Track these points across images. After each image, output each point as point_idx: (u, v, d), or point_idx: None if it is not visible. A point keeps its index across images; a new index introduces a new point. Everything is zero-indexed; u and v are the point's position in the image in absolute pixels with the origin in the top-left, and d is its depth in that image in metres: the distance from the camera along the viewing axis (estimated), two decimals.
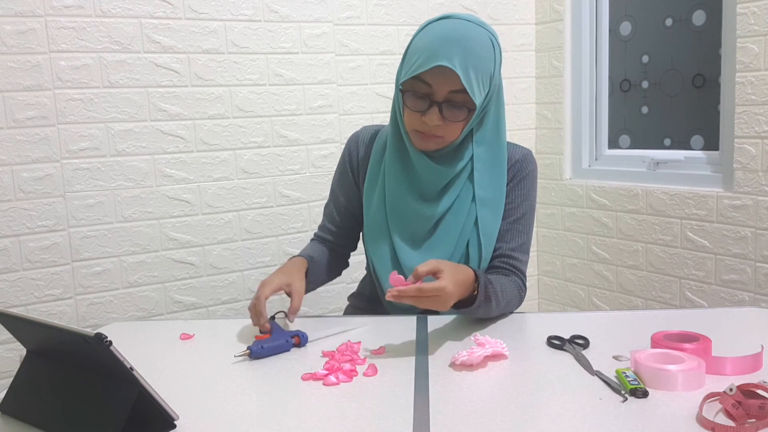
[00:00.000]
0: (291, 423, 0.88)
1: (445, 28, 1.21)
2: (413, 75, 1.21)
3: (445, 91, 1.21)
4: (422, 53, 1.20)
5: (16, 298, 1.82)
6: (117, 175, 1.91)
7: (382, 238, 1.36)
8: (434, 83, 1.20)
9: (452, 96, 1.21)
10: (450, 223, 1.32)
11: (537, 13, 2.52)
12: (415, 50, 1.23)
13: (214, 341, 1.23)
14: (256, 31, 2.05)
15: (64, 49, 1.81)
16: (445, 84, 1.20)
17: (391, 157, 1.34)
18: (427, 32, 1.23)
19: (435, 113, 1.22)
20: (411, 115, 1.25)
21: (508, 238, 1.36)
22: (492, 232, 1.33)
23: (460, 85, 1.19)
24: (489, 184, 1.33)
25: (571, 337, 1.14)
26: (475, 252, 1.32)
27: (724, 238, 2.03)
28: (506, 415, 0.88)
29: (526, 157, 1.39)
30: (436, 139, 1.26)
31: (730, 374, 0.97)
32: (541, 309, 2.66)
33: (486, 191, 1.33)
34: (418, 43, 1.23)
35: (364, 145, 1.43)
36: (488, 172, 1.33)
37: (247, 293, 2.12)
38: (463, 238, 1.32)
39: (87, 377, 0.87)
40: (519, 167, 1.37)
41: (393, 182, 1.34)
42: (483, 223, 1.32)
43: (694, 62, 2.32)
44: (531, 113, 2.57)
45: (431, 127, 1.23)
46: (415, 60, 1.21)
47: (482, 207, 1.32)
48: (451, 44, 1.18)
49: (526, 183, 1.37)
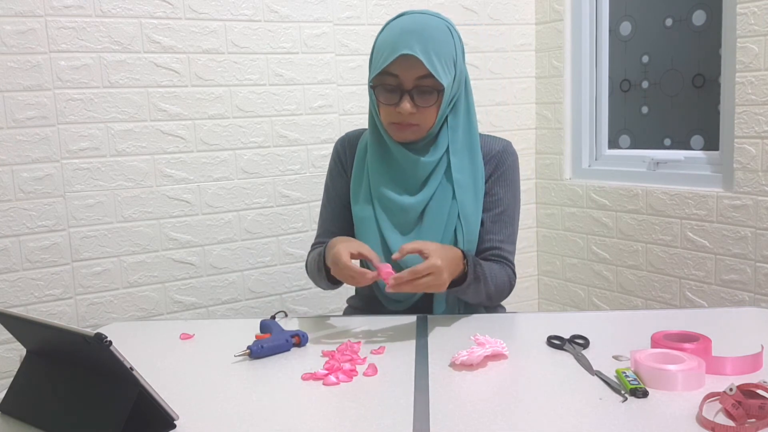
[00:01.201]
0: (291, 423, 0.88)
1: (403, 22, 1.28)
2: (380, 70, 1.27)
3: (412, 78, 1.26)
4: (384, 48, 1.27)
5: (16, 298, 1.82)
6: (117, 175, 1.91)
7: (371, 232, 1.38)
8: (401, 73, 1.26)
9: (420, 82, 1.26)
10: (435, 211, 1.35)
11: (537, 13, 2.52)
12: (378, 48, 1.30)
13: (214, 341, 1.23)
14: (256, 31, 2.05)
15: (64, 49, 1.81)
16: (411, 71, 1.25)
17: (373, 153, 1.38)
18: (387, 30, 1.30)
19: (407, 102, 1.27)
20: (385, 108, 1.30)
21: (495, 230, 1.39)
22: (471, 215, 1.36)
23: (425, 70, 1.24)
24: (466, 167, 1.37)
25: (571, 337, 1.14)
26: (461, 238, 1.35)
27: (724, 238, 2.03)
28: (506, 415, 0.88)
29: (505, 148, 1.42)
30: (413, 128, 1.31)
31: (730, 374, 0.97)
32: (541, 309, 2.66)
33: (463, 175, 1.36)
34: (379, 42, 1.31)
35: (350, 147, 1.47)
36: (464, 157, 1.37)
37: (247, 293, 2.12)
38: (450, 224, 1.35)
39: (87, 377, 0.87)
40: (500, 159, 1.40)
41: (377, 177, 1.37)
42: (462, 206, 1.35)
43: (694, 62, 2.32)
44: (531, 113, 2.57)
45: (406, 116, 1.28)
46: (378, 56, 1.28)
47: (460, 189, 1.35)
48: (410, 34, 1.25)
49: (507, 175, 1.41)
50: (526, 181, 2.58)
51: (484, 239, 1.38)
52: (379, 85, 1.29)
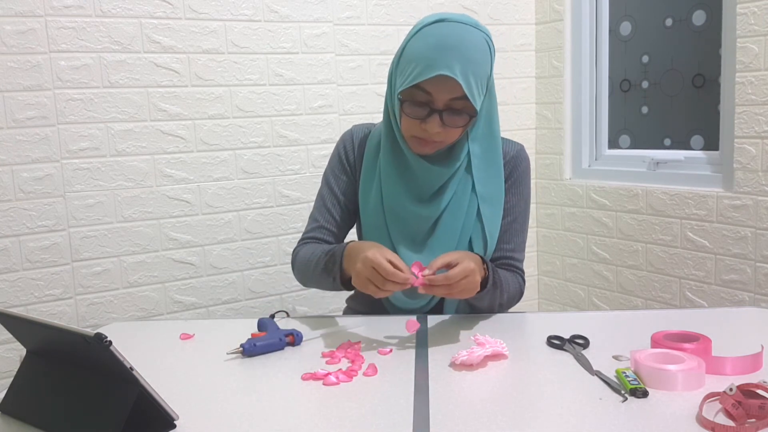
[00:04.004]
0: (291, 423, 0.88)
1: (441, 32, 1.18)
2: (413, 83, 1.18)
3: (446, 98, 1.19)
4: (420, 61, 1.17)
5: (16, 298, 1.82)
6: (117, 175, 1.91)
7: (382, 241, 1.34)
8: (434, 91, 1.18)
9: (452, 103, 1.19)
10: (449, 223, 1.32)
11: (537, 13, 2.52)
12: (411, 57, 1.20)
13: (214, 341, 1.23)
14: (256, 31, 2.05)
15: (64, 49, 1.81)
16: (446, 92, 1.18)
17: (386, 158, 1.33)
18: (423, 37, 1.19)
19: (436, 121, 1.20)
20: (409, 122, 1.23)
21: (506, 238, 1.37)
22: (495, 228, 1.34)
23: (461, 93, 1.17)
24: (488, 180, 1.33)
25: (571, 337, 1.14)
26: (480, 248, 1.33)
27: (724, 238, 2.03)
28: (506, 415, 0.88)
29: (519, 153, 1.39)
30: (435, 144, 1.26)
31: (730, 374, 0.97)
32: (541, 309, 2.66)
33: (486, 187, 1.33)
34: (413, 49, 1.20)
35: (358, 144, 1.41)
36: (485, 169, 1.33)
37: (247, 293, 2.12)
38: (465, 235, 1.32)
39: (87, 377, 0.87)
40: (514, 164, 1.37)
41: (389, 184, 1.33)
42: (486, 220, 1.32)
43: (694, 62, 2.32)
44: (531, 113, 2.57)
45: (432, 134, 1.21)
46: (412, 68, 1.19)
47: (484, 204, 1.32)
48: (449, 51, 1.15)
49: (520, 182, 1.38)
50: None
51: (495, 248, 1.36)
52: (408, 99, 1.21)
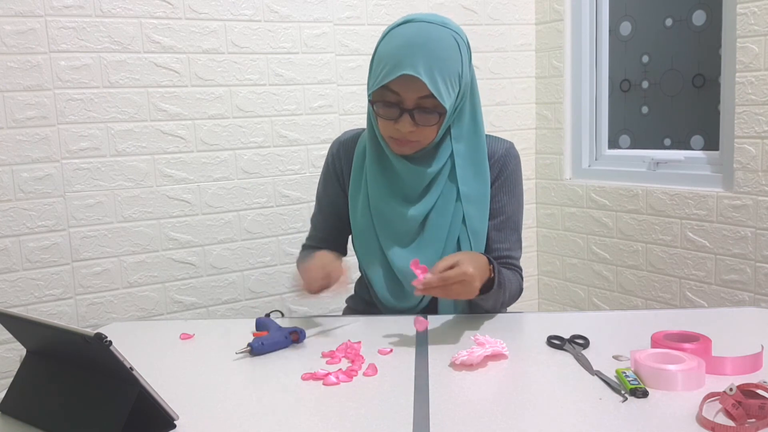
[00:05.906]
0: (291, 423, 0.88)
1: (407, 33, 1.19)
2: (380, 85, 1.20)
3: (414, 98, 1.20)
4: (387, 62, 1.19)
5: (16, 298, 1.82)
6: (117, 175, 1.91)
7: (371, 243, 1.36)
8: (402, 91, 1.19)
9: (422, 102, 1.20)
10: (436, 222, 1.32)
11: (537, 13, 2.52)
12: (380, 59, 1.22)
13: (214, 341, 1.23)
14: (256, 31, 2.05)
15: (64, 49, 1.81)
16: (413, 91, 1.19)
17: (371, 161, 1.34)
18: (390, 39, 1.22)
19: (407, 120, 1.21)
20: (384, 122, 1.25)
21: (502, 238, 1.37)
22: (479, 228, 1.33)
23: (427, 91, 1.18)
24: (472, 179, 1.33)
25: (571, 337, 1.14)
26: (467, 248, 1.33)
27: (724, 238, 2.03)
28: (506, 415, 0.88)
29: (508, 151, 1.37)
30: (412, 144, 1.26)
31: (730, 374, 0.97)
32: (541, 309, 2.66)
33: (470, 187, 1.33)
34: (382, 51, 1.22)
35: (346, 150, 1.42)
36: (470, 168, 1.33)
37: (247, 293, 2.12)
38: (452, 235, 1.33)
39: (87, 377, 0.87)
40: (503, 163, 1.36)
41: (375, 186, 1.34)
42: (470, 220, 1.32)
43: (694, 62, 2.32)
44: (531, 113, 2.57)
45: (405, 133, 1.23)
46: (381, 69, 1.21)
47: (468, 203, 1.32)
48: (413, 50, 1.17)
49: (511, 179, 1.37)
50: (526, 181, 2.57)
51: (491, 248, 1.36)
52: (378, 100, 1.23)
